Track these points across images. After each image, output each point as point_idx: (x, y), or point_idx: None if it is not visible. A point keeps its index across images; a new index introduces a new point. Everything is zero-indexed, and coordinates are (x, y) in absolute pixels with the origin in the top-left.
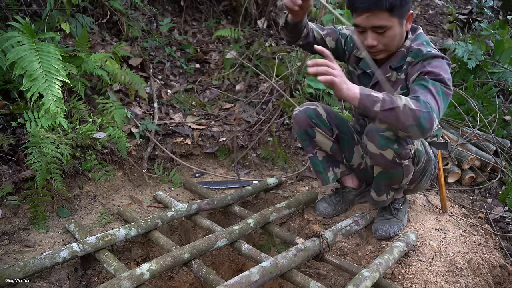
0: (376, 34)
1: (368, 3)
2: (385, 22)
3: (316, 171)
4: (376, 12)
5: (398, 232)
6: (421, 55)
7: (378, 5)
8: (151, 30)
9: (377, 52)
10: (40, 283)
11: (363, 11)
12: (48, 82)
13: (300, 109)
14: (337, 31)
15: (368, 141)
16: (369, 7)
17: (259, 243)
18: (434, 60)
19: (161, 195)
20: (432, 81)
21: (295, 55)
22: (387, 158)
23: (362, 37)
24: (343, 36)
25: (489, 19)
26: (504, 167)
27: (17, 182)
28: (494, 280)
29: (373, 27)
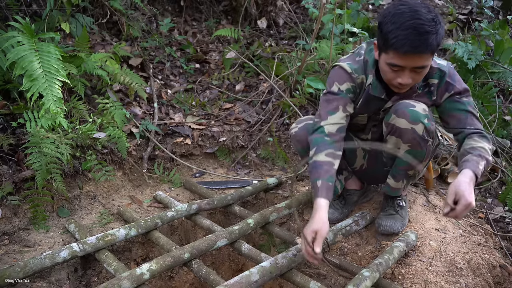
0: (413, 73)
1: (420, 47)
2: (427, 62)
3: None
4: (424, 55)
5: (401, 229)
6: (443, 74)
7: (429, 49)
8: (151, 30)
9: (404, 88)
10: (40, 283)
11: (411, 54)
12: (48, 82)
13: (300, 126)
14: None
15: (398, 117)
16: (421, 51)
17: (259, 243)
18: (451, 73)
19: (161, 195)
20: (466, 101)
21: (295, 55)
22: (417, 132)
23: (394, 74)
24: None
25: (489, 19)
26: (504, 167)
27: (17, 182)
28: (494, 280)
29: (414, 67)
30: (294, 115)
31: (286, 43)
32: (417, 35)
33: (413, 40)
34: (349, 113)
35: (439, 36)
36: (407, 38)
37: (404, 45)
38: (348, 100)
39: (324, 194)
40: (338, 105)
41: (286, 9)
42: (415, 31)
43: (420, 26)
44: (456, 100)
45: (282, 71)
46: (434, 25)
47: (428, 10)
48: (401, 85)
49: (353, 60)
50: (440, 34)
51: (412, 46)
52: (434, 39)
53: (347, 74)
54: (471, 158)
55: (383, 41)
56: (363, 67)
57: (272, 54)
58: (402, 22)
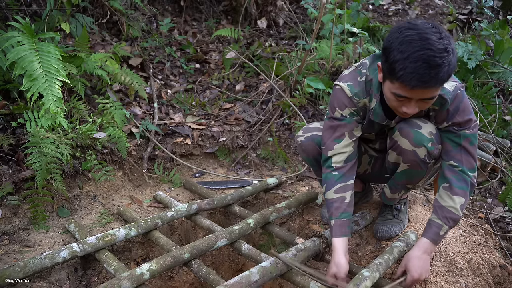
0: (420, 103)
1: (430, 82)
2: (435, 93)
3: None
4: (434, 88)
5: (399, 232)
6: (445, 103)
7: (440, 83)
8: (151, 30)
9: (411, 115)
10: (40, 283)
11: (420, 88)
12: (48, 82)
13: (307, 136)
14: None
15: (402, 137)
16: (431, 85)
17: (259, 243)
18: (456, 101)
19: (161, 195)
20: (463, 134)
21: (295, 55)
22: (419, 156)
23: (399, 103)
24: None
25: (489, 19)
26: (504, 167)
27: (17, 182)
28: (494, 280)
29: (421, 99)
30: (294, 115)
31: (286, 43)
32: (427, 68)
33: (423, 75)
34: (356, 138)
35: (451, 67)
36: (416, 72)
37: (413, 79)
38: (354, 125)
39: (338, 233)
40: (343, 132)
41: (286, 9)
42: (425, 64)
43: (432, 58)
44: (453, 130)
45: (282, 71)
46: (446, 56)
47: (439, 37)
48: (406, 114)
49: (354, 80)
50: (453, 64)
51: (421, 81)
52: (445, 72)
53: (347, 99)
54: (434, 222)
55: (389, 70)
56: (365, 89)
57: (272, 54)
58: (411, 52)
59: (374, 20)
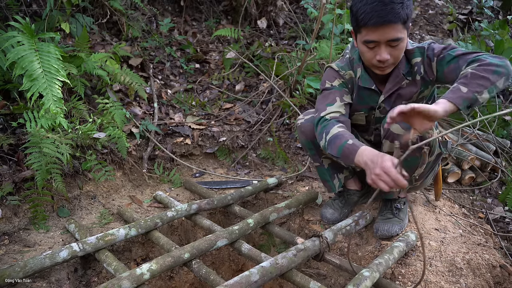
0: (389, 48)
1: (387, 16)
2: (400, 34)
3: (323, 180)
4: (393, 25)
5: (399, 231)
6: (423, 50)
7: (397, 18)
8: (151, 30)
9: (387, 66)
10: (40, 283)
11: (381, 25)
12: (48, 82)
13: (306, 118)
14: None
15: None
16: (389, 20)
17: (259, 243)
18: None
19: (161, 195)
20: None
21: (295, 55)
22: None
23: (372, 52)
24: (347, 83)
25: (489, 19)
26: (504, 167)
27: (17, 182)
28: (494, 280)
29: (388, 41)
30: (294, 115)
31: (286, 43)
32: (383, 5)
33: (380, 11)
34: (347, 103)
35: (406, 6)
36: (373, 10)
37: (372, 17)
38: (344, 92)
39: (363, 144)
40: (335, 97)
41: (286, 9)
42: (380, 3)
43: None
44: (441, 59)
45: (282, 71)
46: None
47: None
48: (381, 63)
49: (340, 60)
50: (407, 5)
51: (379, 16)
52: (400, 8)
53: (335, 72)
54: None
55: (355, 22)
56: (350, 64)
57: (272, 54)
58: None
59: None
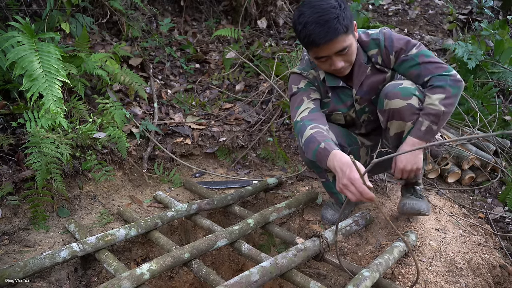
0: (341, 56)
1: (327, 36)
2: (346, 43)
3: (329, 192)
4: (335, 39)
5: (426, 211)
6: (379, 42)
7: (336, 33)
8: (151, 30)
9: (344, 69)
10: (40, 283)
11: (323, 44)
12: (48, 82)
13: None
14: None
15: (390, 100)
16: (330, 38)
17: (259, 243)
18: (386, 36)
19: (161, 195)
20: (414, 55)
21: (295, 55)
22: (414, 105)
23: (326, 64)
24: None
25: (489, 19)
26: (504, 167)
27: (17, 182)
28: (494, 280)
29: (337, 52)
30: None
31: (286, 43)
32: (320, 26)
33: (319, 33)
34: (314, 98)
35: (342, 18)
36: (312, 32)
37: (314, 39)
38: (310, 90)
39: (335, 147)
40: (302, 98)
41: (286, 9)
42: (317, 24)
43: (320, 18)
44: (403, 59)
45: (282, 71)
46: (331, 12)
47: (325, 1)
48: (337, 70)
49: (301, 64)
50: (343, 16)
51: (320, 38)
52: (337, 23)
53: (298, 75)
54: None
55: (301, 41)
56: (310, 63)
57: (272, 54)
58: (305, 21)
59: (374, 20)
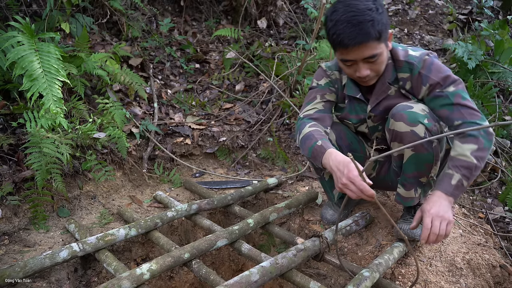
0: (368, 64)
1: (357, 38)
2: (376, 50)
3: (324, 189)
4: (366, 44)
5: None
6: (413, 67)
7: (367, 37)
8: (151, 30)
9: (369, 80)
10: (40, 283)
11: (352, 47)
12: (48, 82)
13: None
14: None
15: (396, 121)
16: (360, 41)
17: (259, 243)
18: (426, 64)
19: (161, 195)
20: (450, 93)
21: (295, 55)
22: (418, 134)
23: (351, 69)
24: (333, 83)
25: (489, 19)
26: (504, 167)
27: (17, 182)
28: (494, 280)
29: (364, 58)
30: (294, 115)
31: (286, 43)
32: (351, 27)
33: (349, 33)
34: (327, 100)
35: (377, 22)
36: (343, 32)
37: (343, 39)
38: (327, 90)
39: (331, 146)
40: (315, 95)
41: (286, 9)
42: (349, 24)
43: (353, 17)
44: (438, 94)
45: (282, 71)
46: (367, 13)
47: (362, 1)
48: (362, 78)
49: (331, 61)
50: (378, 21)
51: (349, 39)
52: (370, 27)
53: (323, 71)
54: (445, 173)
55: (329, 41)
56: (338, 65)
57: (272, 54)
58: (337, 19)
59: None
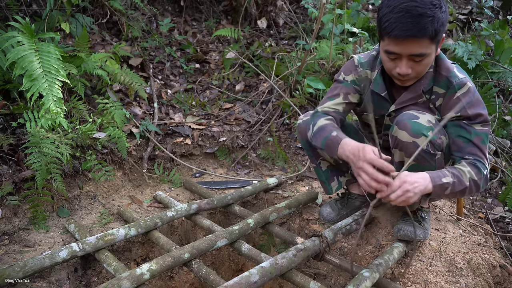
0: (412, 62)
1: (412, 30)
2: (425, 50)
3: (320, 181)
4: (418, 40)
5: (422, 237)
6: (451, 86)
7: (423, 33)
8: (151, 30)
9: (408, 80)
10: (40, 283)
11: (403, 39)
12: (48, 82)
13: (304, 119)
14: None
15: (399, 130)
16: (413, 34)
17: (259, 243)
18: (468, 92)
19: (161, 195)
20: (474, 131)
21: (295, 55)
22: (419, 146)
23: (392, 63)
24: (361, 81)
25: (489, 19)
26: (504, 167)
27: (17, 182)
28: (494, 280)
29: (411, 55)
30: (294, 115)
31: (286, 43)
32: (409, 17)
33: (405, 23)
34: (349, 101)
35: (437, 20)
36: (398, 21)
37: (395, 28)
38: (351, 90)
39: (345, 136)
40: (339, 92)
41: (286, 9)
42: (407, 14)
43: (413, 8)
44: (463, 126)
45: (282, 71)
46: (431, 8)
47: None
48: (401, 76)
49: (365, 54)
50: (439, 19)
51: (403, 30)
52: (429, 23)
53: (353, 66)
54: (441, 170)
55: (378, 27)
56: (371, 62)
57: (272, 54)
58: (396, 5)
59: (374, 20)
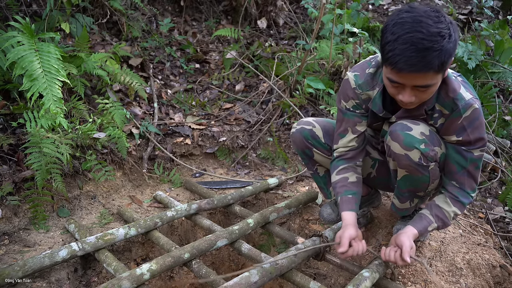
0: (416, 91)
1: (417, 66)
2: (431, 81)
3: (318, 186)
4: (423, 74)
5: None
6: (457, 109)
7: (428, 68)
8: (151, 30)
9: (410, 106)
10: (40, 283)
11: (407, 73)
12: (48, 82)
13: (297, 128)
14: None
15: (392, 140)
16: (419, 70)
17: (259, 243)
18: (472, 116)
19: (161, 195)
20: (471, 158)
21: (295, 55)
22: (412, 159)
23: (395, 90)
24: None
25: (489, 19)
26: (504, 167)
27: (17, 182)
28: (494, 280)
29: (415, 86)
30: (294, 115)
31: (286, 43)
32: (414, 51)
33: (409, 57)
34: (360, 132)
35: (444, 53)
36: (402, 54)
37: (399, 61)
38: (357, 120)
39: (345, 208)
40: (347, 127)
41: (286, 9)
42: (413, 47)
43: (419, 41)
44: (460, 150)
45: (282, 71)
46: (437, 40)
47: (436, 21)
48: (403, 103)
49: (362, 71)
50: (446, 51)
51: (407, 64)
52: (435, 57)
53: (351, 90)
54: (426, 217)
55: (381, 53)
56: (370, 82)
57: (272, 54)
58: (400, 34)
59: (374, 20)
